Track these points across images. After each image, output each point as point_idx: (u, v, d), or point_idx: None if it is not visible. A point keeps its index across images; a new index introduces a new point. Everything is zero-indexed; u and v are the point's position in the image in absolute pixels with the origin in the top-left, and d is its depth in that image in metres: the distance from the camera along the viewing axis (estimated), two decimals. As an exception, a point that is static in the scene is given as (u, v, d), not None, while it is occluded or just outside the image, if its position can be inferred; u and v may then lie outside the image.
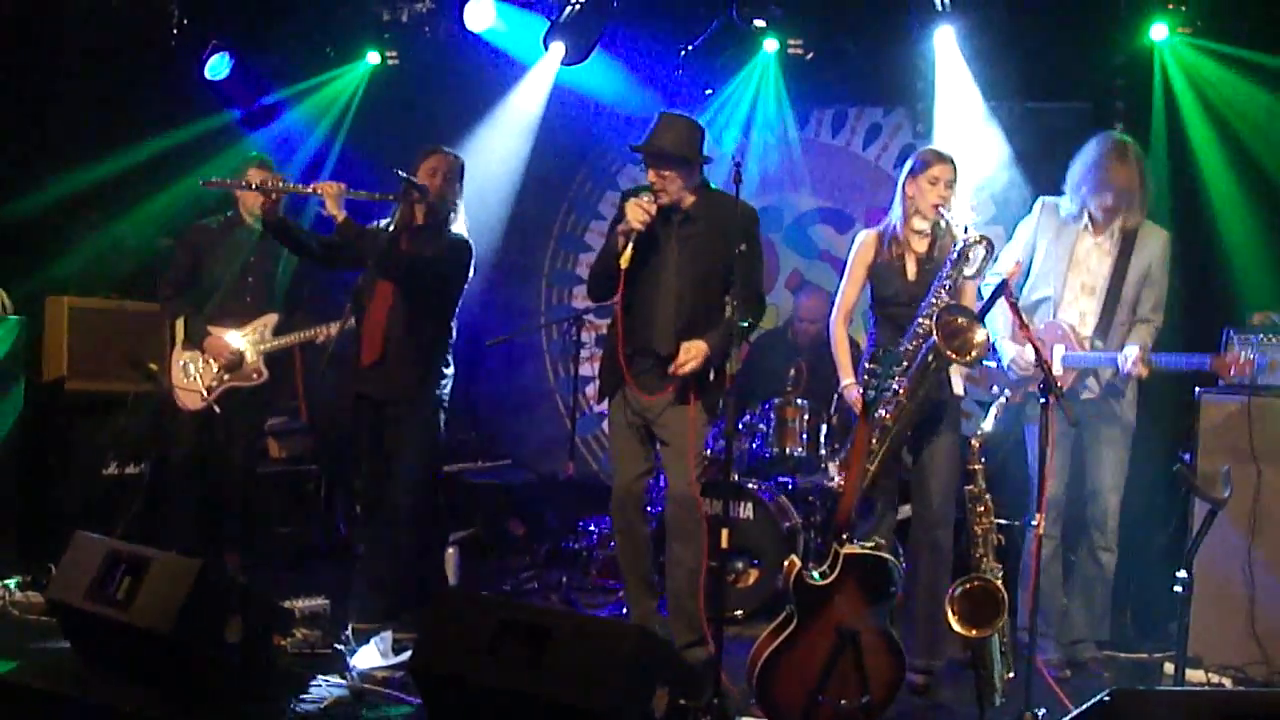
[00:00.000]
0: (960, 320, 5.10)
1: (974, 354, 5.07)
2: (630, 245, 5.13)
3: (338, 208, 5.87)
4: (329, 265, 6.25)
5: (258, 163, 6.71)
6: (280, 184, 6.12)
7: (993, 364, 5.92)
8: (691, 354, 5.16)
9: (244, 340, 6.61)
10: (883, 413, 5.18)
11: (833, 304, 5.78)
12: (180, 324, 6.72)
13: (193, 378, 6.60)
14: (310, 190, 5.96)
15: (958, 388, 5.47)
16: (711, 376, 5.30)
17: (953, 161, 5.45)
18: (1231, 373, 5.46)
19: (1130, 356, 5.49)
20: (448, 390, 6.20)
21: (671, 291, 5.32)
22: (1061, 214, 5.83)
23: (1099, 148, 5.74)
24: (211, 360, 6.58)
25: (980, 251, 5.19)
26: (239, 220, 6.71)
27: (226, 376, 6.58)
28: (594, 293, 5.62)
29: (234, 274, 6.66)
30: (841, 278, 5.78)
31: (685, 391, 5.28)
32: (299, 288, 6.86)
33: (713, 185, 5.47)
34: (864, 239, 5.66)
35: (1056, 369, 5.65)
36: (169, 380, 6.62)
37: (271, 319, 6.66)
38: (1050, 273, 5.81)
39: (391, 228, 6.10)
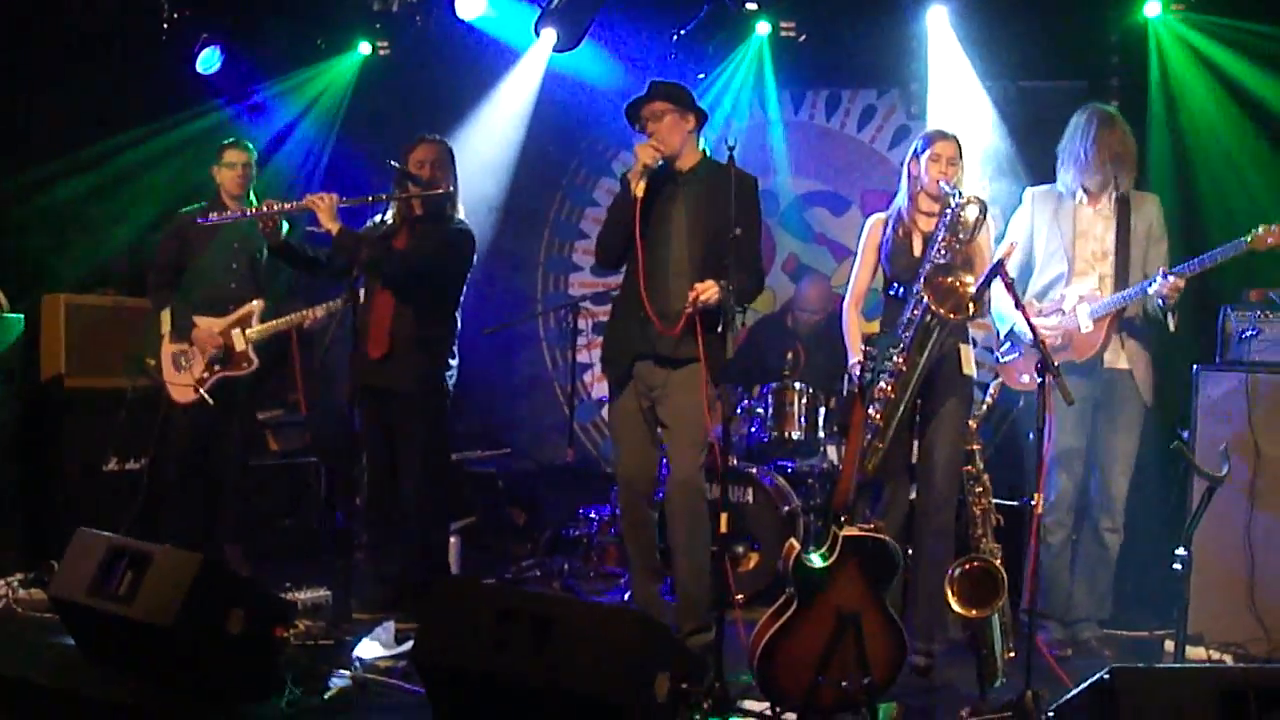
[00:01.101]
0: (950, 280, 5.09)
1: (970, 311, 5.06)
2: (645, 180, 5.13)
3: (331, 220, 5.84)
4: (339, 275, 6.22)
5: (235, 146, 6.69)
6: (274, 207, 6.09)
7: (1014, 355, 5.91)
8: (708, 284, 5.08)
9: (231, 329, 6.60)
10: (884, 385, 5.16)
11: (840, 292, 5.76)
12: (166, 315, 6.70)
13: (183, 370, 6.59)
14: (304, 206, 5.94)
15: (969, 368, 5.45)
16: (720, 328, 5.20)
17: (955, 139, 5.45)
18: (1269, 242, 5.32)
19: (1158, 277, 5.47)
20: (453, 381, 6.21)
21: (683, 252, 5.30)
22: (1057, 191, 5.84)
23: (1085, 121, 5.77)
24: (200, 351, 6.57)
25: (973, 211, 5.17)
26: (220, 208, 6.68)
27: (217, 367, 6.57)
28: (607, 252, 5.51)
29: (219, 262, 6.64)
30: (838, 261, 5.79)
31: (692, 354, 5.21)
32: (286, 272, 6.84)
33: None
34: (871, 223, 5.67)
35: (1086, 325, 5.66)
36: (161, 374, 6.62)
37: (258, 305, 6.64)
38: (1058, 250, 5.81)
39: (391, 222, 6.11)
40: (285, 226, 6.17)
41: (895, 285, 5.50)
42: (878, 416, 5.15)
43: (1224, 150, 7.00)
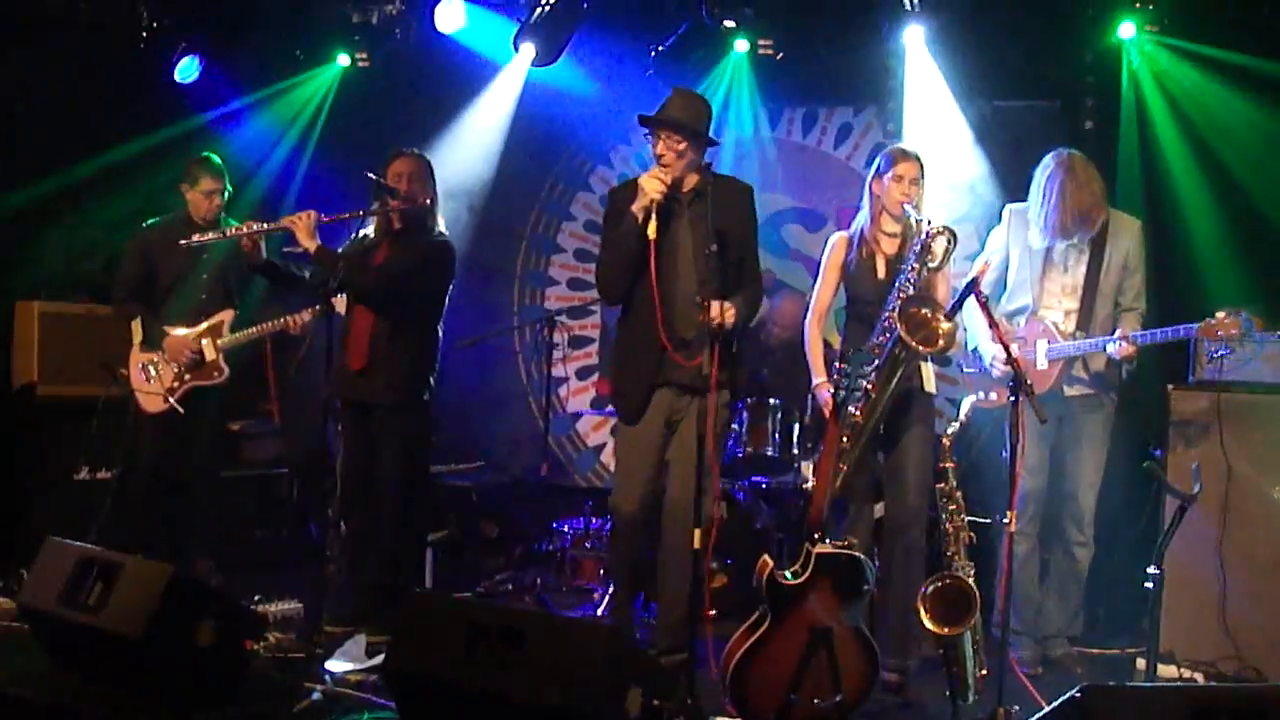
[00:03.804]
0: (924, 311, 5.12)
1: (940, 344, 5.09)
2: (654, 217, 5.02)
3: (309, 239, 5.83)
4: (319, 290, 6.18)
5: (210, 171, 6.65)
6: (253, 226, 6.09)
7: (972, 370, 5.95)
8: (726, 308, 5.02)
9: (202, 338, 6.57)
10: (853, 410, 5.18)
11: (807, 308, 5.78)
12: (136, 326, 6.67)
13: (153, 380, 6.55)
14: (283, 226, 5.92)
15: (929, 385, 5.49)
16: (734, 348, 5.27)
17: (918, 158, 5.47)
18: (1219, 334, 5.39)
19: (1118, 338, 5.53)
20: (431, 392, 6.20)
21: (693, 277, 5.22)
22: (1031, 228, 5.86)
23: (1048, 178, 5.78)
24: (171, 361, 6.53)
25: (943, 243, 5.19)
26: (188, 219, 6.65)
27: (188, 377, 6.55)
28: (612, 287, 5.39)
29: (188, 274, 6.61)
30: (814, 278, 5.80)
31: (715, 370, 5.09)
32: (260, 282, 6.82)
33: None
34: (834, 241, 5.67)
35: (1041, 363, 5.70)
36: (130, 384, 6.58)
37: (228, 315, 6.62)
38: (1027, 280, 5.85)
39: (371, 236, 6.10)
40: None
41: (861, 306, 5.51)
42: (846, 441, 5.15)
43: (1195, 172, 7.03)
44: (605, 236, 5.45)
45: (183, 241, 6.36)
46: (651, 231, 5.02)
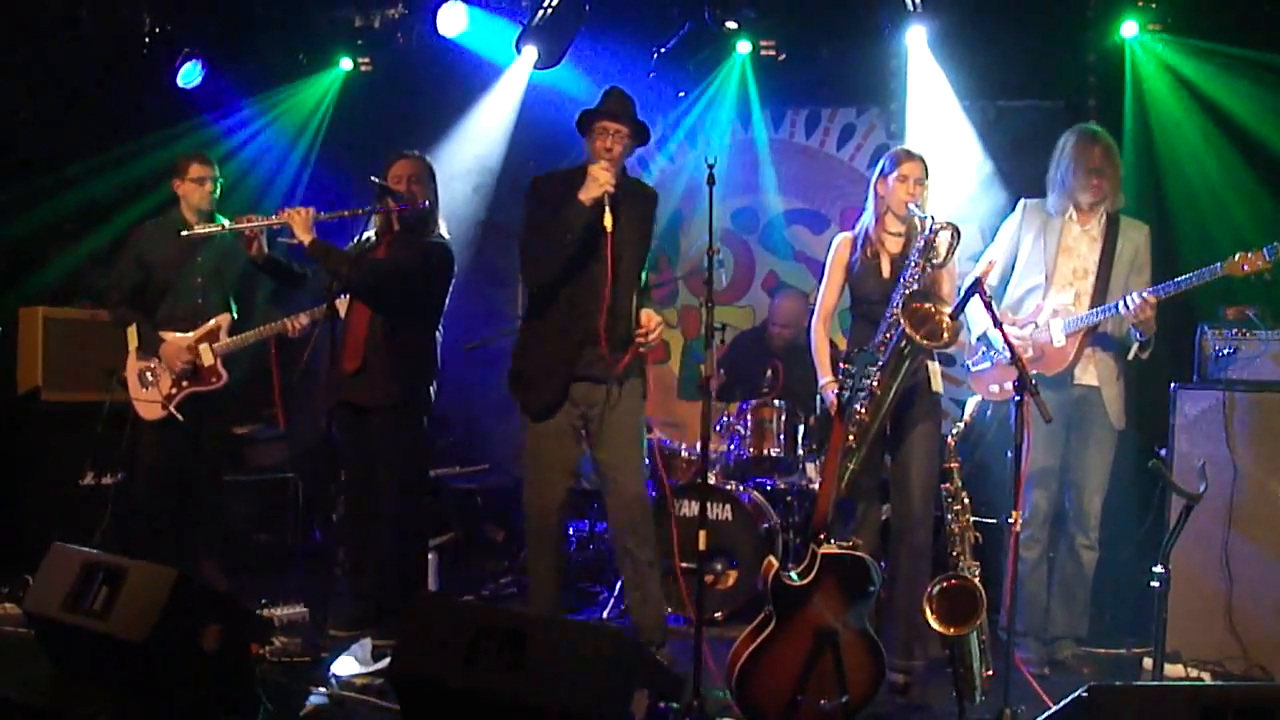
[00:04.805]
0: (927, 306, 5.12)
1: (945, 338, 5.10)
2: (607, 209, 5.10)
3: (305, 232, 5.83)
4: (322, 289, 6.19)
5: (200, 160, 6.66)
6: (252, 220, 6.09)
7: (986, 364, 5.93)
8: (656, 320, 5.19)
9: (199, 343, 6.55)
10: (859, 408, 5.18)
11: (812, 308, 5.79)
12: (132, 332, 6.63)
13: (150, 387, 6.53)
14: (281, 220, 5.91)
15: (936, 384, 5.48)
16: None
17: (922, 159, 5.48)
18: (1245, 269, 5.36)
19: (1133, 296, 5.51)
20: (432, 396, 6.18)
21: (608, 274, 5.24)
22: (1047, 209, 5.87)
23: (1070, 140, 5.85)
24: (169, 367, 6.52)
25: (946, 238, 5.19)
26: (181, 220, 6.64)
27: (185, 383, 6.52)
28: (546, 272, 5.35)
29: (183, 278, 6.60)
30: (818, 279, 5.81)
31: (632, 371, 5.28)
32: (266, 284, 6.81)
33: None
34: (839, 242, 5.67)
35: (1059, 340, 5.69)
36: (127, 391, 6.58)
37: (224, 319, 6.60)
38: (1039, 261, 5.85)
39: (373, 239, 6.10)
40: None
41: (866, 305, 5.51)
42: (851, 439, 5.15)
43: (1199, 170, 7.04)
44: (534, 223, 5.46)
45: (184, 233, 6.35)
46: (608, 223, 5.10)
